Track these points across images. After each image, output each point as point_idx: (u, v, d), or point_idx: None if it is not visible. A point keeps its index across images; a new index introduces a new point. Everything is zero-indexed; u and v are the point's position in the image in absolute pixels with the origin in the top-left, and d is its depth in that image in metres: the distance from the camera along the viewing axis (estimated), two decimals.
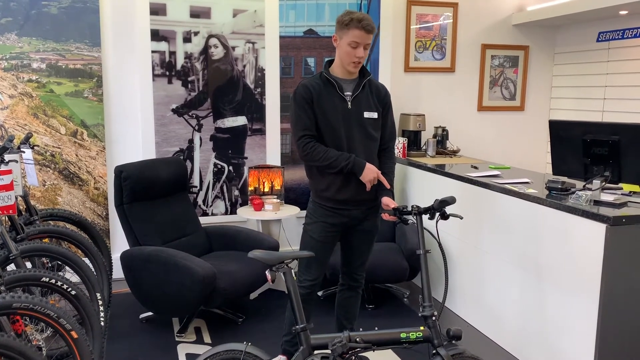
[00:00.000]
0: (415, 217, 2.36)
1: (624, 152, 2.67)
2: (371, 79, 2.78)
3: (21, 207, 3.34)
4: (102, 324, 2.80)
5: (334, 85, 2.66)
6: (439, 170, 3.98)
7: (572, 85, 5.30)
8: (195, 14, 4.23)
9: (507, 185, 3.25)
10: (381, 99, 2.76)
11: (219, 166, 4.45)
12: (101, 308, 2.83)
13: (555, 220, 2.82)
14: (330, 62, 2.75)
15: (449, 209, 2.34)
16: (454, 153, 4.80)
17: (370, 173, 2.61)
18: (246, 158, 4.49)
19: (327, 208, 2.72)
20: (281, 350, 2.86)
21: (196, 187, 4.41)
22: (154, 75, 4.19)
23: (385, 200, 2.65)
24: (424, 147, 4.76)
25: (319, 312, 2.95)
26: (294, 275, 2.20)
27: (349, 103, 2.66)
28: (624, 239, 2.54)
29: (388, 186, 2.69)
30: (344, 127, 2.65)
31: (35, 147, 4.00)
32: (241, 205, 4.51)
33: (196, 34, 4.25)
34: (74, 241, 3.20)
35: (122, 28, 4.20)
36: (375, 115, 2.71)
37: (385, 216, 2.59)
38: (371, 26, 2.58)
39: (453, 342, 2.17)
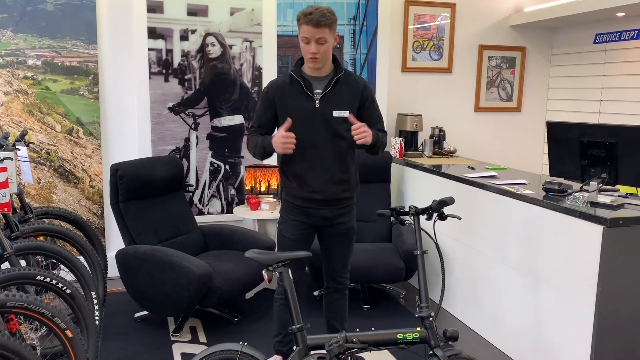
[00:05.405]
0: (412, 217, 2.36)
1: (621, 154, 2.67)
2: (348, 73, 2.68)
3: (16, 205, 3.31)
4: (97, 323, 2.79)
5: (300, 84, 2.59)
6: (436, 170, 3.98)
7: (569, 86, 5.31)
8: (193, 12, 4.21)
9: (504, 186, 3.25)
10: (359, 94, 2.65)
11: (216, 165, 4.43)
12: (96, 307, 2.82)
13: (552, 222, 2.82)
14: (303, 59, 2.66)
15: (447, 210, 2.34)
16: (450, 154, 4.80)
17: (278, 139, 2.49)
18: (243, 157, 4.48)
19: (297, 206, 2.69)
20: (274, 351, 2.85)
21: (192, 185, 4.39)
22: (151, 73, 4.17)
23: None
24: (421, 148, 4.76)
25: (315, 312, 2.94)
26: (290, 275, 2.19)
27: (317, 102, 2.59)
28: (620, 240, 2.55)
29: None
30: (309, 126, 2.58)
31: (30, 145, 3.96)
32: (237, 204, 4.50)
33: (193, 32, 4.24)
34: (69, 239, 3.18)
35: (119, 25, 4.18)
36: (346, 113, 2.60)
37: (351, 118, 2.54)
38: (316, 20, 2.44)
39: (450, 343, 2.17)
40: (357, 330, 2.20)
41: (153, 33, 4.14)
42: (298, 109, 2.59)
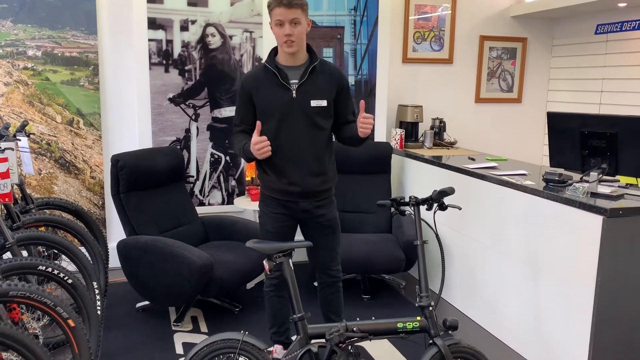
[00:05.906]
0: (412, 208, 2.37)
1: (622, 144, 2.67)
2: (323, 62, 2.65)
3: (17, 196, 3.33)
4: (99, 312, 2.80)
5: (275, 75, 2.55)
6: (436, 161, 3.98)
7: (569, 77, 5.30)
8: (193, 2, 4.20)
9: (504, 177, 3.25)
10: (335, 83, 2.62)
11: (216, 156, 4.43)
12: (98, 297, 2.83)
13: (552, 212, 2.83)
14: (277, 50, 2.63)
15: (447, 200, 2.34)
16: (451, 145, 4.80)
17: (253, 148, 2.46)
18: None
19: (275, 199, 2.66)
20: (272, 342, 2.86)
21: (193, 176, 4.39)
22: (151, 64, 4.16)
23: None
24: (421, 139, 4.76)
25: (315, 302, 2.96)
26: (291, 265, 2.20)
27: (294, 92, 2.54)
28: (620, 231, 2.55)
29: None
30: (286, 117, 2.55)
31: (31, 136, 3.97)
32: (238, 195, 4.51)
33: (193, 22, 4.22)
34: (70, 230, 3.20)
35: (119, 16, 4.17)
36: (324, 103, 2.58)
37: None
38: (288, 0, 2.42)
39: (449, 332, 2.19)
40: (358, 319, 2.21)
41: (153, 23, 4.13)
42: (274, 101, 2.55)
